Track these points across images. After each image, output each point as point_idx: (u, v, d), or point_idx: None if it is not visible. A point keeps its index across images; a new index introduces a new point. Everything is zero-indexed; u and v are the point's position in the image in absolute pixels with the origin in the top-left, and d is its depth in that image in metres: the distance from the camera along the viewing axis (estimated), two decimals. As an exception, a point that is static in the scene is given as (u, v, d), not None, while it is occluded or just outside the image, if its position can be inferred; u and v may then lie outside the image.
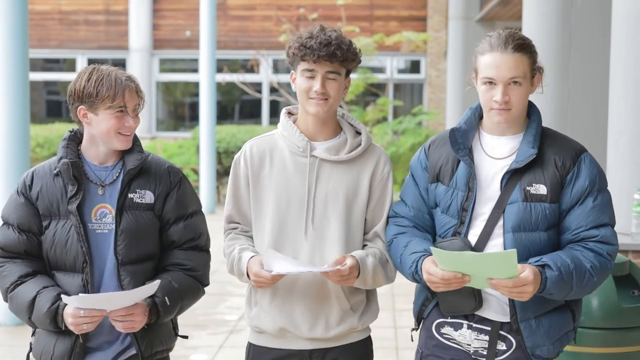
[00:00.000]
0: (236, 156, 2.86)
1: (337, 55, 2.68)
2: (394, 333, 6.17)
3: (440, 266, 2.49)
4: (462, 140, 2.66)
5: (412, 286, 2.87)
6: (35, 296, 2.63)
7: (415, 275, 2.62)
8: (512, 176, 2.59)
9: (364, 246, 2.81)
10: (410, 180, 2.80)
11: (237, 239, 2.83)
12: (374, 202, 2.80)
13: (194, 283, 2.78)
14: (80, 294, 2.56)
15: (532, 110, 2.69)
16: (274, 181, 2.77)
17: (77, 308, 2.55)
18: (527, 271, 2.42)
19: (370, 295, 2.85)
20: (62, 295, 2.57)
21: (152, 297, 2.65)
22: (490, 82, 2.58)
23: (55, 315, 2.59)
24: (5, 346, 5.94)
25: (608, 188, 2.65)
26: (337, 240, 2.74)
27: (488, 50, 2.59)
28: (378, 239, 2.81)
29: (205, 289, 2.86)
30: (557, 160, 2.59)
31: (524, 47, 2.59)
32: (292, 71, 2.80)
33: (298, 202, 2.75)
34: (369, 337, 2.88)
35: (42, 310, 2.60)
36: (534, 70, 2.62)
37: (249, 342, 2.89)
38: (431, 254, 2.55)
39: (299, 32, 2.78)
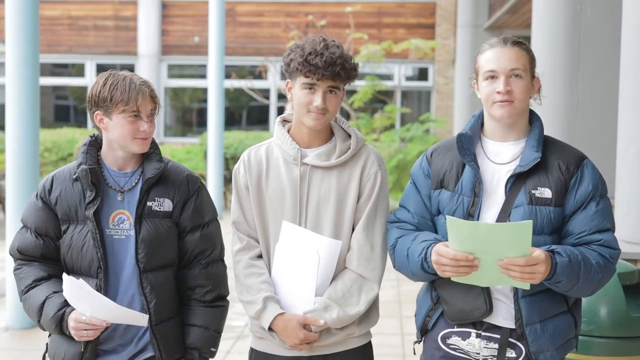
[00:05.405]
0: (235, 166, 2.87)
1: (341, 74, 2.70)
2: (401, 340, 6.16)
3: (452, 243, 2.47)
4: (467, 146, 2.68)
5: (420, 293, 2.87)
6: (45, 301, 2.67)
7: (423, 263, 2.59)
8: (517, 180, 2.61)
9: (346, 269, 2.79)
10: (411, 188, 2.80)
11: (259, 273, 2.82)
12: (360, 202, 2.80)
13: (222, 310, 2.84)
14: (80, 279, 2.58)
15: (533, 117, 2.73)
16: (271, 189, 2.80)
17: (80, 313, 2.59)
18: (539, 251, 2.43)
19: None
20: (64, 274, 2.62)
21: (198, 350, 2.76)
22: (492, 76, 2.63)
23: (60, 321, 2.63)
24: (13, 350, 5.97)
25: (609, 195, 2.67)
26: None
27: (488, 48, 2.68)
28: (353, 256, 2.77)
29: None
30: (562, 165, 2.62)
31: (522, 44, 2.68)
32: (288, 80, 2.80)
33: (291, 210, 2.77)
34: (369, 342, 2.89)
35: (49, 315, 2.64)
36: (533, 71, 2.68)
37: (251, 347, 2.93)
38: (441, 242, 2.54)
39: (300, 42, 2.77)
